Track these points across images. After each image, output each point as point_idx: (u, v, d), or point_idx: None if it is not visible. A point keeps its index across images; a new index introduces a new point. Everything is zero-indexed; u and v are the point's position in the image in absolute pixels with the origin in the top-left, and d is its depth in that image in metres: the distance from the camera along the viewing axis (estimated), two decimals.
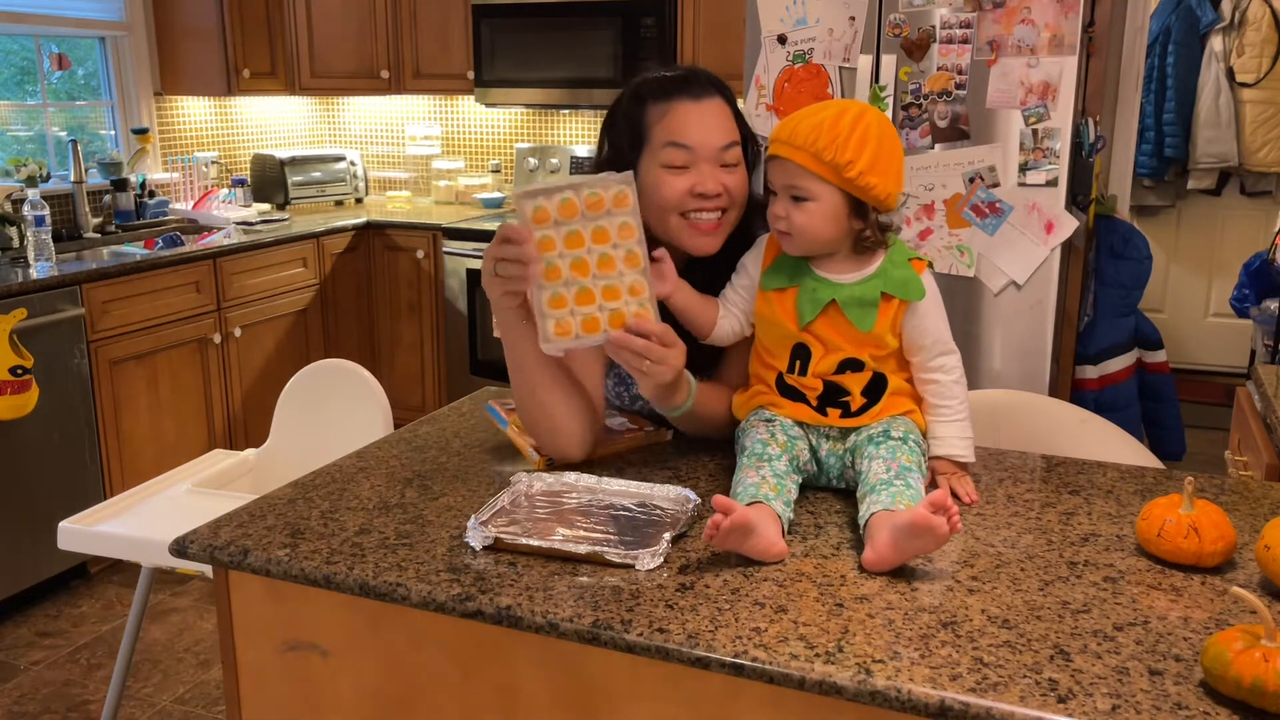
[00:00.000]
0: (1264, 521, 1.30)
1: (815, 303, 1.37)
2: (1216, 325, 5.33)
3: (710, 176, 1.47)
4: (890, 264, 1.38)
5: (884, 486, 1.25)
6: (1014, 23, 2.80)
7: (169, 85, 4.33)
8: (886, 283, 1.37)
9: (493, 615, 1.11)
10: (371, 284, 4.46)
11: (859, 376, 1.38)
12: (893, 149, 1.35)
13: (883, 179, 1.33)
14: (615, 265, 1.36)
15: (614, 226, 1.36)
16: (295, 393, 2.39)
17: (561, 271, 1.35)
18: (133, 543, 2.01)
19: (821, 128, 1.32)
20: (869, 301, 1.36)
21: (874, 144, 1.32)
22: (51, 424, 3.15)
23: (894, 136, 1.36)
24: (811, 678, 0.98)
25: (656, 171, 1.48)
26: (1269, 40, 4.83)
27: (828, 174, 1.33)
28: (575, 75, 4.20)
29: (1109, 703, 0.93)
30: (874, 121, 1.33)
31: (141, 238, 3.93)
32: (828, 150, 1.31)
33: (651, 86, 1.52)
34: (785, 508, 1.27)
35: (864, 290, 1.37)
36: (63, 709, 2.69)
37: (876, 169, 1.32)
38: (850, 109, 1.34)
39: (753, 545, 1.18)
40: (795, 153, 1.34)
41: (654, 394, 1.43)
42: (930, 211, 2.97)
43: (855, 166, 1.31)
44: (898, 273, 1.37)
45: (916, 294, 1.37)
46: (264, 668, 1.29)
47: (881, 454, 1.32)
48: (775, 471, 1.31)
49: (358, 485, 1.43)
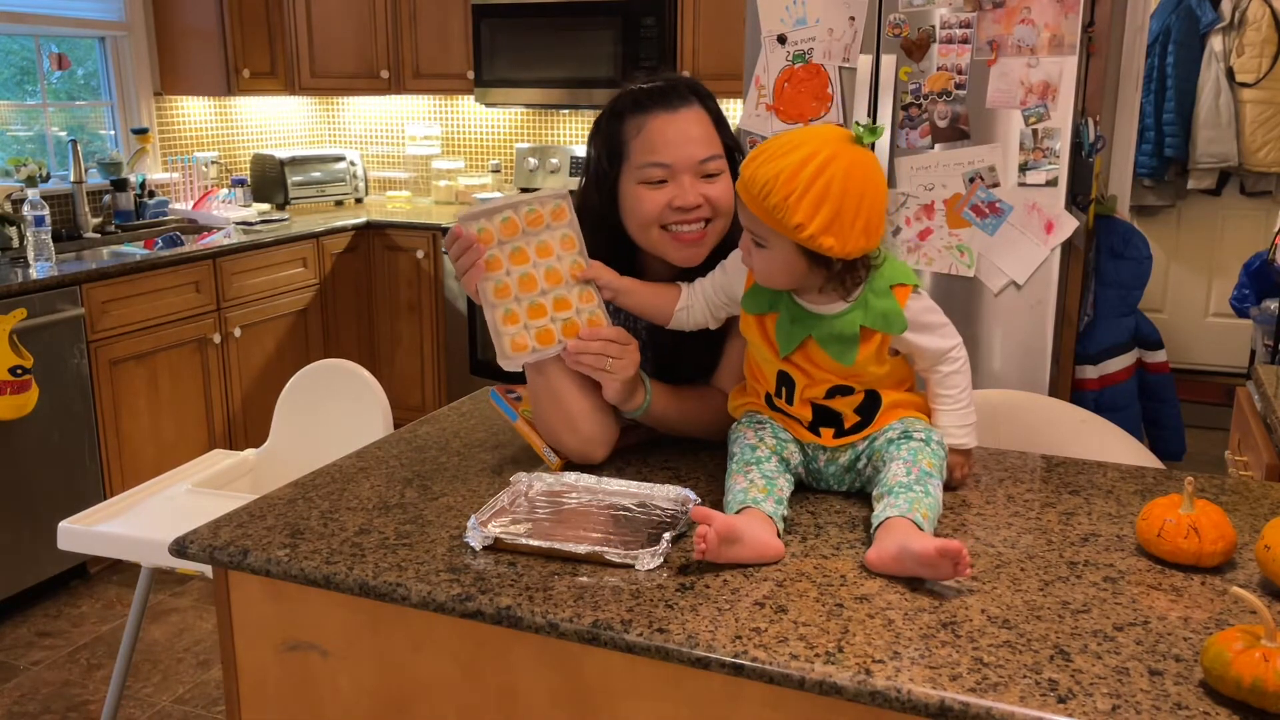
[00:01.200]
0: (1264, 521, 1.30)
1: (791, 337, 1.32)
2: (1216, 325, 5.33)
3: (689, 189, 1.44)
4: (871, 293, 1.30)
5: (903, 490, 1.23)
6: (1014, 23, 2.80)
7: (169, 85, 4.33)
8: (866, 315, 1.30)
9: (493, 615, 1.11)
10: (371, 284, 4.46)
11: (850, 399, 1.35)
12: (859, 205, 1.23)
13: (840, 239, 1.23)
14: (562, 277, 1.42)
15: (555, 240, 1.41)
16: (295, 393, 2.40)
17: (511, 289, 1.40)
18: (132, 543, 2.01)
19: (778, 179, 1.22)
20: (847, 338, 1.30)
21: (834, 202, 1.21)
22: (51, 424, 3.15)
23: (865, 190, 1.24)
24: (811, 678, 0.98)
25: (635, 188, 1.46)
26: (1269, 40, 4.83)
27: (779, 229, 1.25)
28: (575, 75, 4.20)
29: (1109, 703, 0.93)
30: (840, 174, 1.21)
31: (141, 238, 3.93)
32: (778, 210, 1.22)
33: (627, 101, 1.48)
34: (778, 505, 1.26)
35: (842, 325, 1.30)
36: (62, 709, 2.69)
37: (833, 229, 1.22)
38: (816, 156, 1.22)
39: (743, 552, 1.18)
40: (750, 200, 1.26)
41: (617, 396, 1.44)
42: (930, 211, 2.97)
43: (806, 229, 1.22)
44: (878, 303, 1.30)
45: (898, 327, 1.31)
46: (264, 668, 1.29)
47: (903, 455, 1.29)
48: (764, 473, 1.30)
49: (358, 485, 1.43)
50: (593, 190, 1.52)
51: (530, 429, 1.51)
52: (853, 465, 1.37)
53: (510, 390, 1.59)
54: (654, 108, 1.46)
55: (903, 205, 2.98)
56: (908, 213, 2.99)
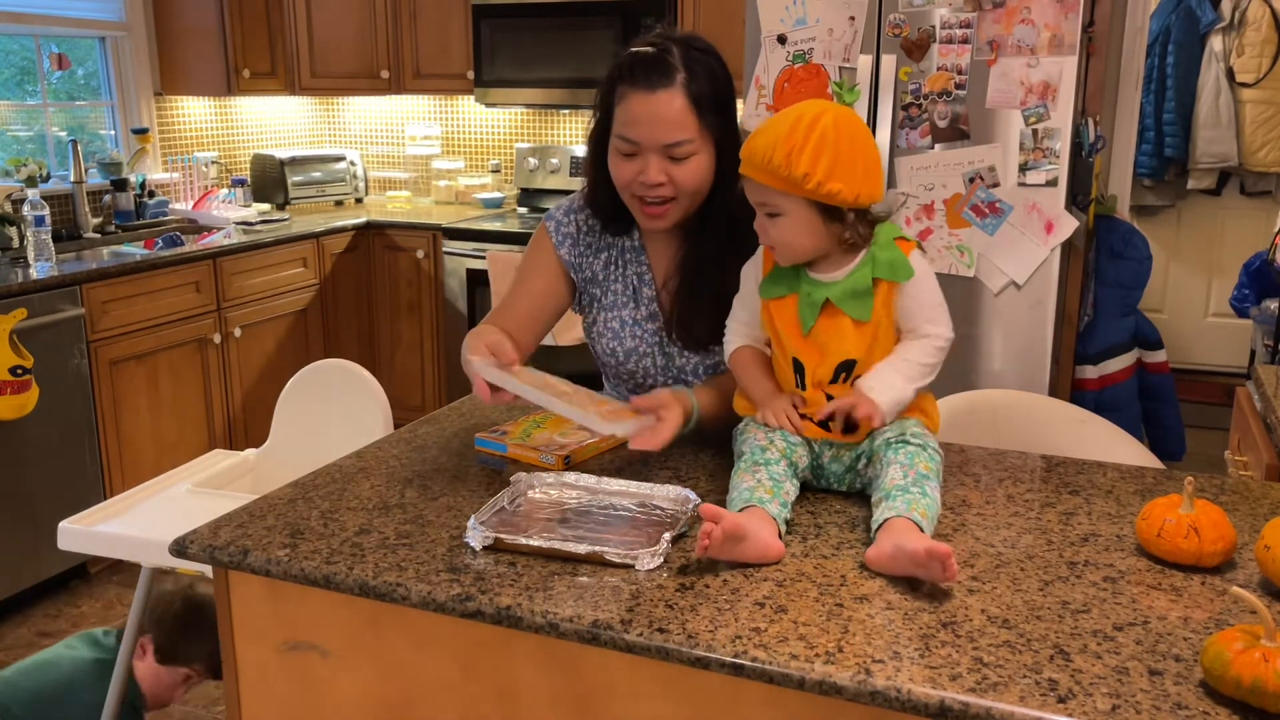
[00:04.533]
0: (1264, 521, 1.30)
1: (813, 305, 1.36)
2: (1216, 325, 5.33)
3: (655, 167, 1.53)
4: (877, 248, 1.36)
5: (900, 493, 1.24)
6: (1014, 23, 2.80)
7: (169, 85, 4.33)
8: (875, 267, 1.35)
9: (493, 615, 1.11)
10: (371, 284, 4.46)
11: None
12: (854, 149, 1.30)
13: (846, 182, 1.30)
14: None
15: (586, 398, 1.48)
16: (295, 393, 2.39)
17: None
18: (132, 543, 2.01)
19: (776, 142, 1.29)
20: (862, 291, 1.35)
21: (831, 149, 1.28)
22: (51, 424, 3.15)
23: (856, 135, 1.32)
24: (811, 678, 0.98)
25: (613, 152, 1.58)
26: (1269, 40, 4.83)
27: (790, 188, 1.30)
28: (575, 75, 4.20)
29: (1109, 703, 0.93)
30: (830, 124, 1.29)
31: (141, 238, 3.93)
32: (783, 166, 1.29)
33: (621, 66, 1.56)
34: (782, 508, 1.26)
35: (855, 281, 1.35)
36: None
37: (837, 174, 1.29)
38: (806, 114, 1.30)
39: (747, 550, 1.18)
40: (756, 171, 1.33)
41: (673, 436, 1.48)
42: (930, 211, 2.97)
43: (813, 178, 1.28)
44: (884, 255, 1.36)
45: (905, 274, 1.36)
46: (264, 668, 1.29)
47: (900, 459, 1.30)
48: (772, 475, 1.31)
49: (358, 485, 1.43)
50: (594, 139, 1.63)
51: (523, 448, 1.53)
52: (854, 465, 1.38)
53: (493, 429, 1.60)
54: (636, 82, 1.53)
55: (903, 205, 2.98)
56: (908, 213, 2.99)
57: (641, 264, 1.71)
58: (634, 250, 1.71)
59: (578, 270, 1.73)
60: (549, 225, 1.74)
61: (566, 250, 1.73)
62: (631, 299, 1.71)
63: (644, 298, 1.70)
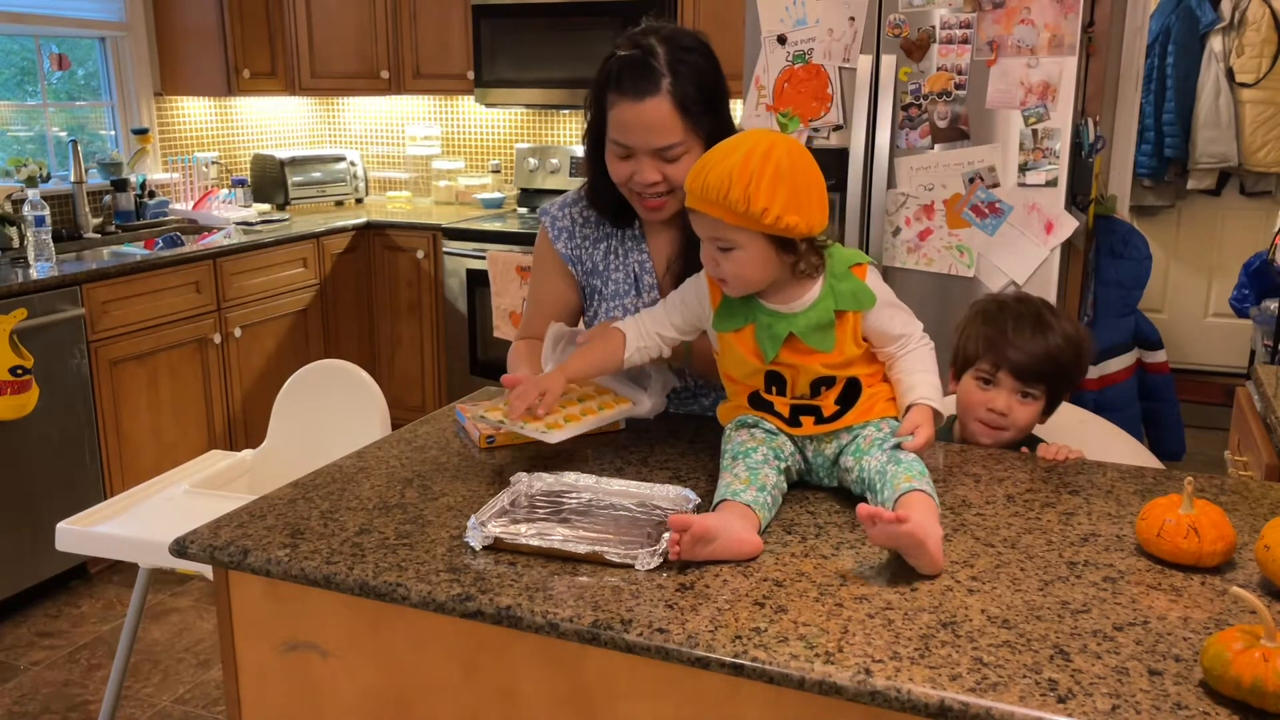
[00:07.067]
0: (1264, 521, 1.30)
1: (775, 339, 1.36)
2: (1216, 325, 5.33)
3: (648, 167, 1.58)
4: (834, 278, 1.36)
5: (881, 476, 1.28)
6: (1014, 23, 2.80)
7: (169, 85, 4.32)
8: (837, 299, 1.36)
9: (493, 615, 1.11)
10: (371, 284, 4.46)
11: (830, 392, 1.38)
12: (808, 181, 1.30)
13: (803, 215, 1.29)
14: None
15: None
16: (292, 393, 2.39)
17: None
18: (131, 543, 2.01)
19: (731, 176, 1.27)
20: (825, 324, 1.35)
21: (787, 181, 1.27)
22: (51, 424, 3.15)
23: (808, 166, 1.31)
24: (811, 678, 0.98)
25: (608, 151, 1.63)
26: (1269, 40, 4.83)
27: (746, 223, 1.29)
28: (575, 75, 4.20)
29: (1109, 703, 0.93)
30: (783, 155, 1.28)
31: (141, 238, 3.93)
32: (740, 202, 1.26)
33: (609, 73, 1.59)
34: (759, 493, 1.27)
35: (818, 315, 1.35)
36: (62, 709, 2.69)
37: (793, 207, 1.28)
38: (758, 146, 1.28)
39: (718, 551, 1.18)
40: (709, 206, 1.30)
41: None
42: (930, 211, 2.97)
43: (771, 213, 1.27)
44: (844, 286, 1.36)
45: (869, 301, 1.37)
46: (264, 668, 1.29)
47: (871, 451, 1.34)
48: (749, 465, 1.32)
49: (358, 485, 1.43)
50: (590, 139, 1.68)
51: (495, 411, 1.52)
52: (837, 458, 1.39)
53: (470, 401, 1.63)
54: (624, 91, 1.56)
55: (903, 205, 2.98)
56: (908, 213, 2.99)
57: (642, 252, 1.73)
58: (634, 239, 1.74)
59: (577, 264, 1.76)
60: (545, 221, 1.78)
61: (563, 244, 1.76)
62: (633, 286, 1.73)
63: (645, 285, 1.73)
